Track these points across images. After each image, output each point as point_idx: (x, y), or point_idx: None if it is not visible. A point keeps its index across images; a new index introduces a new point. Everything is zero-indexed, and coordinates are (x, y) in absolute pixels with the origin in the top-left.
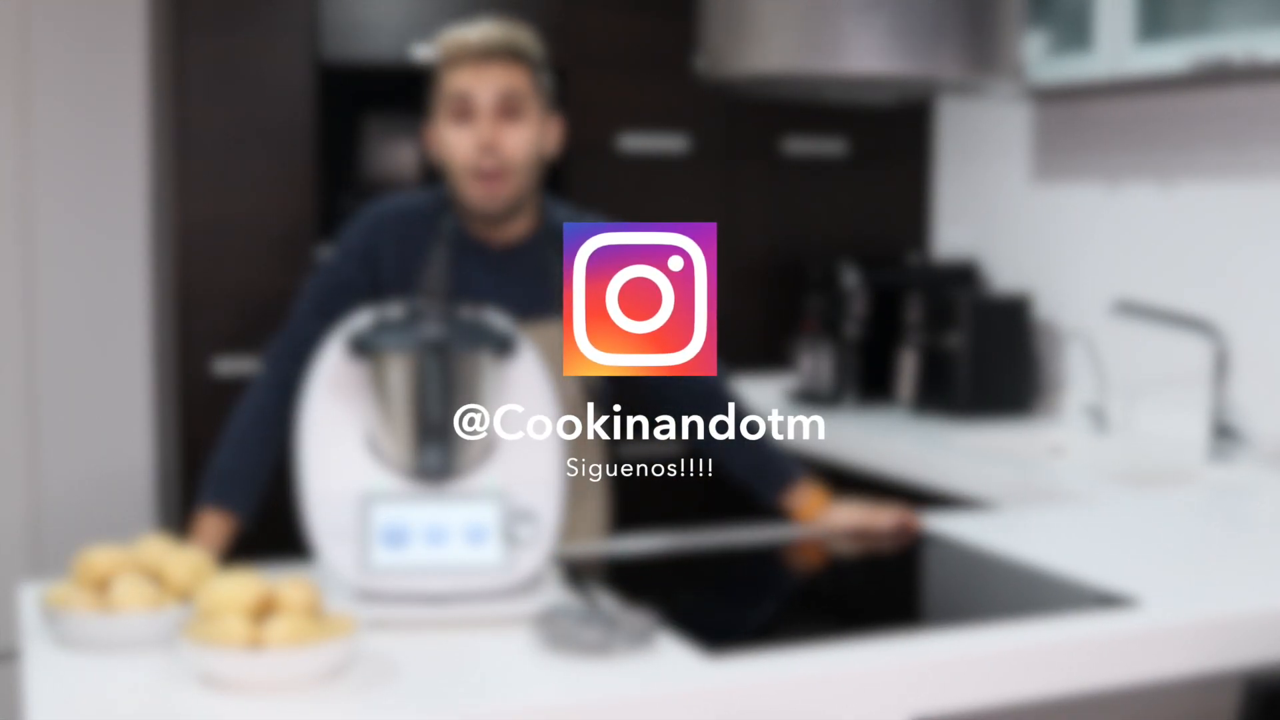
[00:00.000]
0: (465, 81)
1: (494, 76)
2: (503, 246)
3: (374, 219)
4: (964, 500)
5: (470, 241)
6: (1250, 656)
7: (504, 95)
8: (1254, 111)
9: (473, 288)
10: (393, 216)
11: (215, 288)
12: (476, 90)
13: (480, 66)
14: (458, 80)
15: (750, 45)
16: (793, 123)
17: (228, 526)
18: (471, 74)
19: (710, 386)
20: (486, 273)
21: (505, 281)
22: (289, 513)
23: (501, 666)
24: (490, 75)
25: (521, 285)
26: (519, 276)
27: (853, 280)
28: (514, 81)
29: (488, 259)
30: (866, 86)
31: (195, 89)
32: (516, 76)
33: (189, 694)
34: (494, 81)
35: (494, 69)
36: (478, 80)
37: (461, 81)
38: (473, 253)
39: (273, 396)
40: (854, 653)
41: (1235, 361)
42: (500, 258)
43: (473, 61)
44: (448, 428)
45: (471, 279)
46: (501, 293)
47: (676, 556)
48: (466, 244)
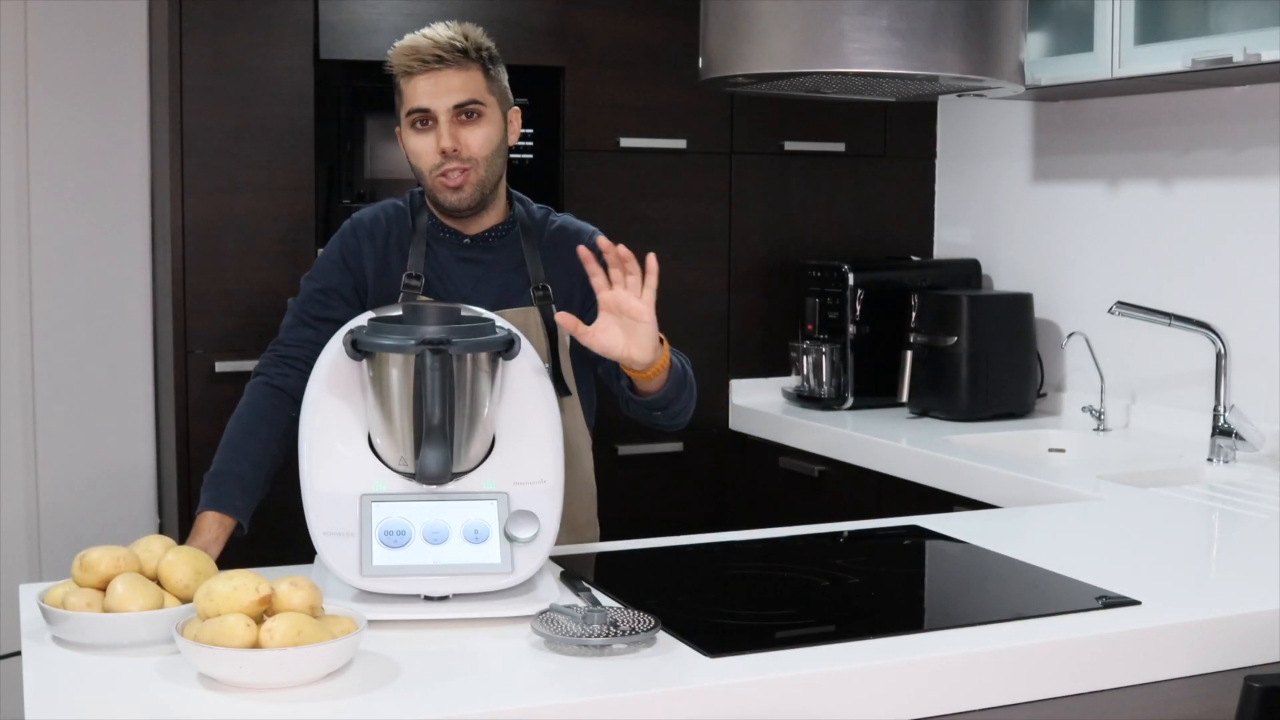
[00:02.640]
0: (421, 91)
1: (448, 83)
2: (476, 237)
3: (350, 227)
4: (964, 500)
5: (445, 235)
6: (1250, 656)
7: (460, 101)
8: (1253, 111)
9: (451, 279)
10: (369, 222)
11: (215, 288)
12: (432, 100)
13: (433, 74)
14: (414, 91)
15: (750, 45)
16: (793, 123)
17: (226, 526)
18: (426, 83)
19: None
20: (463, 264)
21: (482, 272)
22: (289, 513)
23: (501, 666)
24: (444, 82)
25: (497, 274)
26: (493, 266)
27: (853, 280)
28: (468, 85)
29: (463, 251)
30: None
31: (195, 89)
32: (470, 79)
33: (189, 694)
34: (449, 89)
35: (447, 75)
36: (433, 89)
37: (417, 92)
38: (449, 245)
39: (262, 401)
40: (854, 653)
41: (1235, 361)
42: (475, 249)
43: (425, 70)
44: (447, 428)
45: (449, 270)
46: (478, 282)
47: (676, 557)
48: (442, 238)
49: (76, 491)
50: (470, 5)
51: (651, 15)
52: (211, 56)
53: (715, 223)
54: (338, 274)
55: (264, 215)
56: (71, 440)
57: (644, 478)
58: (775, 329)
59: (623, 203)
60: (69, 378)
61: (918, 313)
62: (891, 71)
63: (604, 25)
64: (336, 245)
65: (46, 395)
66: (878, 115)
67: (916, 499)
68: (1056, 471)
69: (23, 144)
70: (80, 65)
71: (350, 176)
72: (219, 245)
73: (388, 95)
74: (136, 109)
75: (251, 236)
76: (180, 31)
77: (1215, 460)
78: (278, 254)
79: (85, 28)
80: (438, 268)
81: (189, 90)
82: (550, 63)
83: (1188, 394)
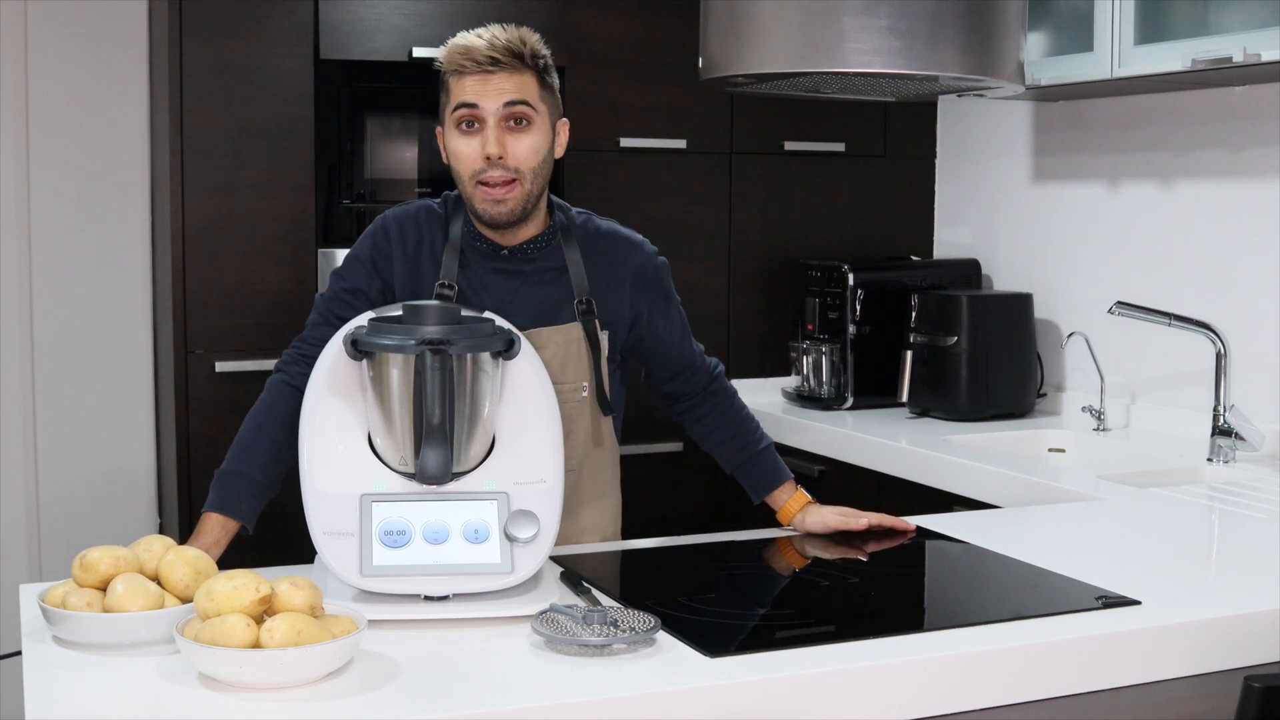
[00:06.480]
0: (472, 91)
1: (500, 86)
2: (515, 249)
3: (381, 227)
4: (964, 500)
5: (482, 245)
6: (1250, 656)
7: (511, 105)
8: (1253, 111)
9: (487, 291)
10: (401, 224)
11: (215, 288)
12: (483, 101)
13: (486, 75)
14: (464, 90)
15: (750, 45)
16: (793, 123)
17: (229, 528)
18: (478, 83)
19: (713, 384)
20: (500, 276)
21: (519, 284)
22: (289, 513)
23: (501, 666)
24: (496, 85)
25: (536, 287)
26: (532, 277)
27: (853, 280)
28: (521, 90)
29: (500, 262)
30: (866, 86)
31: (196, 89)
32: (524, 84)
33: (189, 694)
34: (501, 91)
35: (500, 78)
36: (484, 90)
37: (468, 91)
38: (485, 256)
39: (280, 401)
40: (854, 653)
41: (1235, 361)
42: (512, 260)
43: (479, 70)
44: (447, 428)
45: (485, 282)
46: (515, 296)
47: (676, 557)
48: (478, 248)
49: (76, 491)
50: (472, 5)
51: (651, 15)
52: (211, 56)
53: (715, 223)
54: (365, 276)
55: (264, 215)
56: (71, 440)
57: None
58: (775, 329)
59: (623, 203)
60: (69, 378)
61: (917, 313)
62: (891, 71)
63: (604, 25)
64: (367, 245)
65: (46, 395)
66: (878, 115)
67: (916, 499)
68: (1056, 471)
69: (23, 144)
70: (80, 65)
71: (350, 176)
72: (219, 245)
73: (388, 95)
74: (136, 109)
75: (252, 236)
76: (180, 31)
77: (1215, 460)
78: (278, 254)
79: (85, 28)
80: (473, 279)
81: (189, 90)
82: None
83: (1187, 394)
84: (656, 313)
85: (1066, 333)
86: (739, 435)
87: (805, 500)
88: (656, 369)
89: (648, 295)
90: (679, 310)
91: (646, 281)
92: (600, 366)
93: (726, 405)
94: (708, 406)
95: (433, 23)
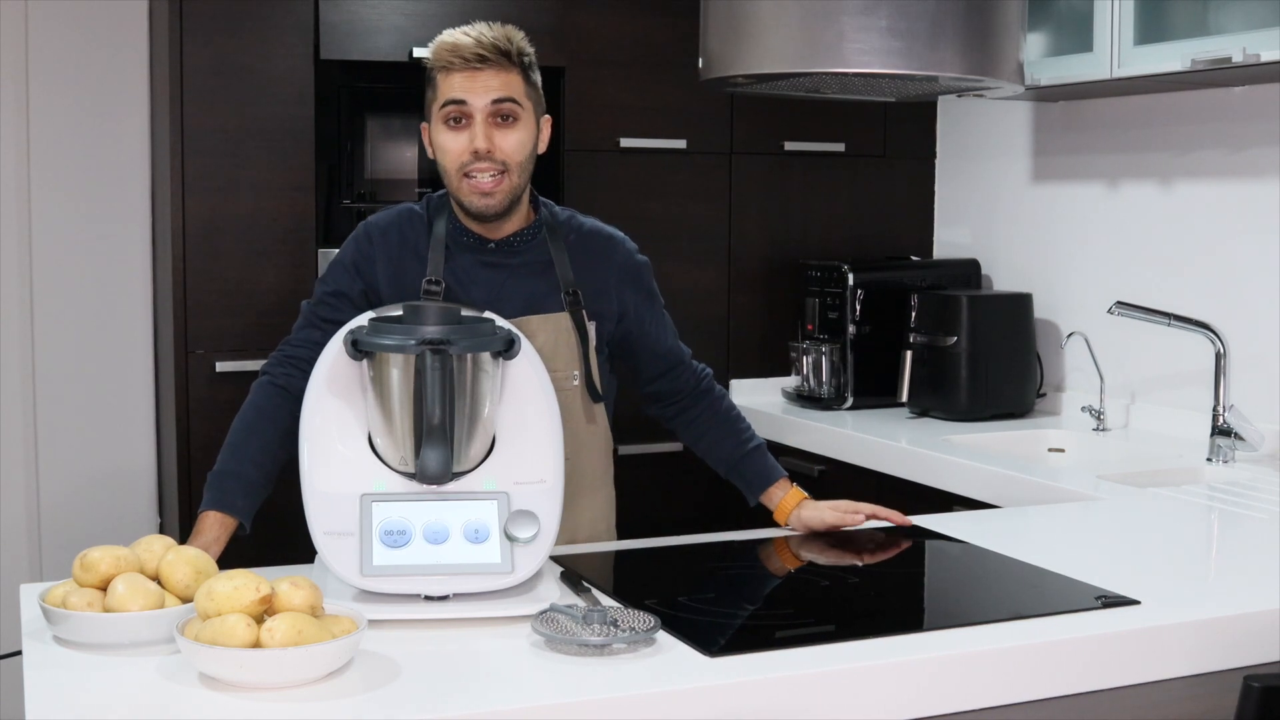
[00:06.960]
0: (460, 88)
1: (487, 83)
2: (501, 242)
3: (363, 232)
4: (964, 500)
5: (468, 239)
6: (1250, 656)
7: (498, 101)
8: (1253, 111)
9: (475, 284)
10: (383, 228)
11: (215, 288)
12: (471, 97)
13: (474, 72)
14: (452, 86)
15: (750, 45)
16: (793, 123)
17: (228, 526)
18: (465, 80)
19: (702, 384)
20: (488, 268)
21: (506, 276)
22: (289, 513)
23: (501, 666)
24: (484, 82)
25: (523, 279)
26: (519, 270)
27: (853, 280)
28: (507, 87)
29: (487, 255)
30: (866, 86)
31: (196, 89)
32: (510, 81)
33: (189, 694)
34: (488, 88)
35: (487, 75)
36: (471, 87)
37: (456, 88)
38: (472, 250)
39: (266, 402)
40: (854, 653)
41: (1234, 361)
42: (499, 253)
43: (466, 67)
44: (447, 428)
45: (474, 274)
46: (502, 288)
47: (676, 557)
48: (464, 242)
49: (77, 491)
50: (471, 5)
51: (651, 15)
52: (211, 56)
53: (715, 223)
54: (347, 278)
55: (264, 215)
56: (72, 440)
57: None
58: (775, 329)
59: (623, 203)
60: (69, 378)
61: (917, 313)
62: (891, 72)
63: (604, 25)
64: (349, 250)
65: (47, 395)
66: (878, 115)
67: (916, 499)
68: (1056, 471)
69: (23, 144)
70: (80, 65)
71: (350, 176)
72: (219, 245)
73: (388, 95)
74: (136, 109)
75: (252, 236)
76: (180, 31)
77: (1215, 460)
78: (278, 254)
79: (85, 28)
80: (459, 273)
81: (189, 90)
82: (551, 63)
83: (1187, 394)
84: (643, 307)
85: (1066, 333)
86: (732, 434)
87: (801, 496)
88: (645, 366)
89: (633, 289)
90: (663, 309)
91: (630, 277)
92: (589, 356)
93: (718, 404)
94: (700, 407)
95: (433, 23)
